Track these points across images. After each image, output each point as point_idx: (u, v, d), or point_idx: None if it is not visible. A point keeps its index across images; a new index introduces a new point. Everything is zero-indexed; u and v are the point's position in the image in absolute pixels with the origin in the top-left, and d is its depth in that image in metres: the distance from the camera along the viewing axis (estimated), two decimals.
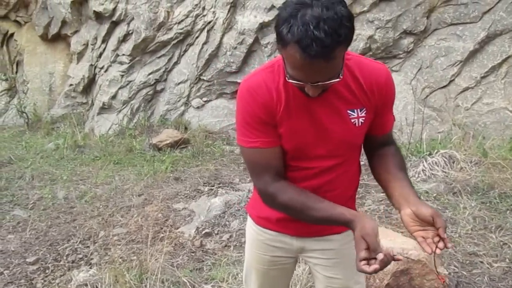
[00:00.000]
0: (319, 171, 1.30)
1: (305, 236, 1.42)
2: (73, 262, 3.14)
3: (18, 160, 5.63)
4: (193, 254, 3.08)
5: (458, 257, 2.72)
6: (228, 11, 6.26)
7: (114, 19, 6.90)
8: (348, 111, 1.25)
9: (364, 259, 1.09)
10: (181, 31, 6.52)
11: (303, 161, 1.31)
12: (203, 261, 2.97)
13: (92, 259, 3.15)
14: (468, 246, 2.85)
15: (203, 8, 6.45)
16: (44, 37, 7.87)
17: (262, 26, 6.09)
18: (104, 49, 7.15)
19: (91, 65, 7.31)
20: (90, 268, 2.98)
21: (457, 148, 4.17)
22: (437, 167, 3.91)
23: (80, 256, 3.22)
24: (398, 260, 1.15)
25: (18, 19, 8.08)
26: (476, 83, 5.09)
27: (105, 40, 7.12)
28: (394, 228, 3.07)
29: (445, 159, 3.96)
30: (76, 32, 7.53)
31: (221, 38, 6.34)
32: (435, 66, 5.41)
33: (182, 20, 6.51)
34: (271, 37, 6.07)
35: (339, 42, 1.03)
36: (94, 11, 6.99)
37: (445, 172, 3.84)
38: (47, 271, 3.05)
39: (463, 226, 3.10)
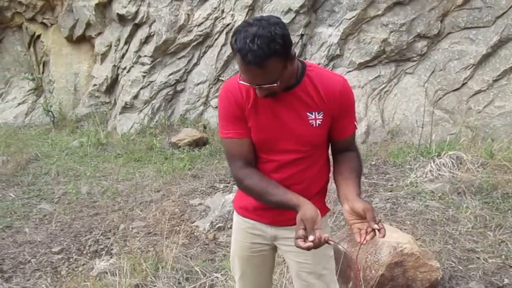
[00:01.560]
0: (283, 163, 1.51)
1: (278, 225, 1.60)
2: (95, 252, 3.35)
3: (45, 157, 5.91)
4: (206, 246, 3.27)
5: (456, 253, 2.83)
6: (246, 14, 6.42)
7: (136, 21, 7.13)
8: (307, 113, 1.46)
9: (300, 237, 1.30)
10: (200, 33, 6.71)
11: (270, 154, 1.52)
12: (215, 252, 3.15)
13: (112, 249, 3.35)
14: (467, 243, 2.95)
15: (222, 11, 6.62)
16: (70, 39, 8.14)
17: None
18: (127, 50, 7.38)
19: (114, 65, 7.55)
20: (111, 257, 3.19)
21: (465, 149, 4.24)
22: (444, 167, 3.99)
23: (102, 246, 3.43)
24: (329, 244, 1.35)
25: (44, 21, 8.34)
26: (488, 86, 5.12)
27: (127, 41, 7.35)
28: (398, 225, 3.19)
29: (453, 160, 4.04)
30: (100, 34, 7.78)
31: None
32: (448, 69, 5.46)
33: (201, 23, 6.70)
34: None
35: (270, 55, 1.26)
36: (118, 13, 7.23)
37: (452, 173, 3.93)
38: (71, 260, 3.27)
39: (464, 224, 3.20)
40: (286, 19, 6.12)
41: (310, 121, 1.46)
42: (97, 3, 7.47)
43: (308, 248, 1.30)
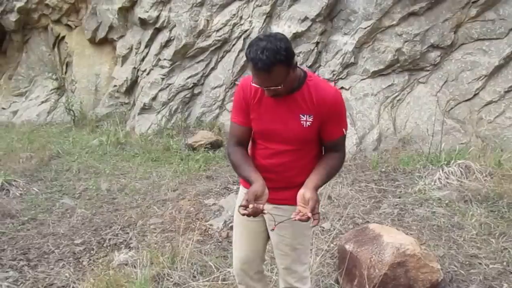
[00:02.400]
0: (276, 152, 1.86)
1: (270, 203, 1.86)
2: (114, 245, 3.53)
3: (66, 154, 6.15)
4: (219, 243, 3.43)
5: (459, 258, 2.94)
6: (264, 20, 6.60)
7: (157, 25, 7.36)
8: (300, 115, 1.79)
9: (242, 205, 1.67)
10: (219, 38, 6.90)
11: (266, 142, 1.89)
12: (227, 250, 3.30)
13: (131, 243, 3.54)
14: (470, 249, 3.06)
15: (241, 18, 6.80)
16: (92, 41, 8.40)
17: (296, 36, 6.38)
18: (147, 53, 7.61)
19: (134, 68, 7.79)
20: (129, 250, 3.37)
21: (474, 159, 4.33)
22: (452, 176, 4.09)
23: (121, 240, 3.61)
24: (264, 214, 1.70)
25: (69, 23, 8.63)
26: (500, 97, 5.20)
27: (148, 45, 7.58)
28: (405, 230, 3.31)
29: (461, 169, 4.14)
30: (121, 36, 8.02)
31: None
32: (461, 80, 5.55)
33: (220, 28, 6.89)
34: (304, 47, 6.37)
35: (275, 63, 1.61)
36: (139, 17, 7.47)
37: (460, 181, 4.03)
38: (92, 251, 3.45)
39: (468, 231, 3.30)
40: (302, 27, 6.29)
41: (301, 122, 1.79)
42: (120, 7, 7.72)
43: (248, 215, 1.67)
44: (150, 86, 7.36)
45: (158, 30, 7.44)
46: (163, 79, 7.27)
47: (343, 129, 1.85)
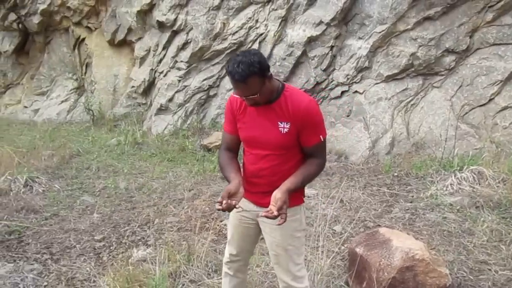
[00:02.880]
0: (260, 157, 2.04)
1: (259, 206, 2.08)
2: (132, 242, 3.67)
3: (85, 153, 6.34)
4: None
5: (468, 264, 2.99)
6: (279, 24, 6.69)
7: (174, 28, 7.52)
8: (278, 122, 1.97)
9: (218, 202, 1.87)
10: (235, 41, 7.02)
11: (251, 148, 2.08)
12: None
13: (148, 240, 3.67)
14: (480, 255, 3.10)
15: (256, 21, 6.91)
16: (111, 42, 8.62)
17: (310, 40, 6.46)
18: (164, 55, 7.77)
19: (152, 69, 7.97)
20: (147, 247, 3.51)
21: (487, 165, 4.35)
22: (465, 182, 4.12)
23: (139, 238, 3.75)
24: (236, 208, 1.88)
25: (89, 25, 8.87)
26: None
27: (165, 47, 7.74)
28: (415, 235, 3.36)
29: (474, 175, 4.16)
30: (140, 39, 8.22)
31: (272, 50, 6.78)
32: (476, 85, 5.55)
33: (236, 32, 7.01)
34: (318, 51, 6.44)
35: (249, 75, 1.81)
36: (157, 20, 7.64)
37: (472, 187, 4.05)
38: (111, 247, 3.60)
39: (479, 237, 3.34)
40: (317, 31, 6.36)
41: (280, 128, 1.97)
42: (139, 10, 7.91)
43: (222, 210, 1.86)
44: (166, 87, 7.51)
45: (175, 33, 7.59)
46: (179, 80, 7.42)
47: (320, 136, 1.99)
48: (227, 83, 7.17)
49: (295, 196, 2.03)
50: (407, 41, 5.94)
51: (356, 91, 6.25)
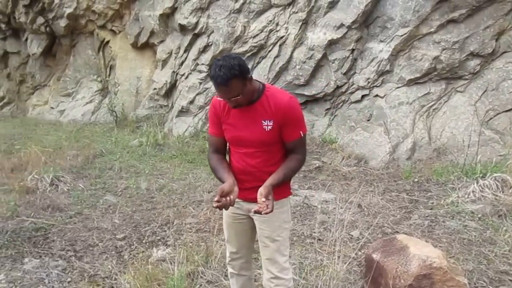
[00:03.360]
0: (246, 154, 2.15)
1: (249, 201, 2.18)
2: (152, 241, 3.75)
3: (108, 153, 6.49)
4: None
5: (488, 274, 2.93)
6: (300, 27, 6.70)
7: (196, 31, 7.63)
8: (262, 121, 2.08)
9: (214, 201, 1.97)
10: (255, 44, 7.07)
11: (237, 147, 2.18)
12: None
13: (168, 241, 3.74)
14: (501, 265, 3.04)
15: (277, 24, 6.93)
16: (134, 45, 8.81)
17: (331, 43, 6.45)
18: (186, 58, 7.89)
19: (173, 72, 8.10)
20: (167, 247, 3.58)
21: None
22: (487, 189, 4.04)
23: (158, 238, 3.83)
24: (232, 206, 2.00)
25: (113, 28, 9.10)
26: None
27: (187, 50, 7.86)
28: (434, 242, 3.33)
29: (497, 182, 4.08)
30: (162, 41, 8.37)
31: (292, 53, 6.79)
32: (502, 89, 5.43)
33: (257, 35, 7.05)
34: (339, 54, 6.42)
35: (230, 77, 1.90)
36: (179, 23, 7.77)
37: (495, 195, 3.97)
38: (132, 246, 3.69)
39: (500, 247, 3.27)
40: (337, 34, 6.34)
41: (264, 126, 2.08)
42: (161, 14, 8.05)
43: (217, 207, 1.96)
44: (188, 89, 7.62)
45: (196, 36, 7.70)
46: (200, 83, 7.51)
47: (300, 132, 2.11)
48: None
49: (282, 189, 2.18)
50: (430, 44, 5.86)
51: (376, 95, 6.20)
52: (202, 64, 7.54)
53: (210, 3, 7.41)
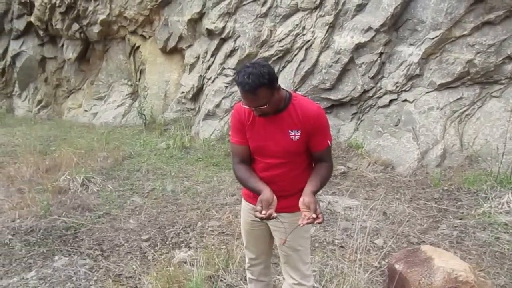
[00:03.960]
0: (270, 165, 2.11)
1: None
2: (175, 243, 3.81)
3: (137, 155, 6.64)
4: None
5: None
6: (327, 31, 6.64)
7: (223, 36, 7.70)
8: (289, 130, 2.04)
9: (257, 211, 1.90)
10: (281, 48, 7.05)
11: (261, 157, 2.13)
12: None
13: (190, 243, 3.79)
14: None
15: (303, 28, 6.90)
16: (163, 50, 8.97)
17: (358, 47, 6.35)
18: (213, 62, 7.98)
19: (201, 76, 8.20)
20: (189, 250, 3.62)
21: None
22: None
23: (181, 239, 3.88)
24: (274, 218, 1.91)
25: (144, 33, 9.30)
26: None
27: (214, 54, 7.95)
28: (463, 254, 3.20)
29: None
30: (190, 46, 8.49)
31: (318, 57, 6.74)
32: None
33: (283, 39, 7.04)
34: (366, 58, 6.32)
35: (259, 86, 1.86)
36: (207, 28, 7.87)
37: None
38: (156, 247, 3.75)
39: None
40: (365, 37, 6.25)
41: (291, 136, 2.04)
42: (189, 19, 8.18)
43: (261, 219, 1.91)
44: (214, 93, 7.69)
45: (223, 40, 7.77)
46: (226, 87, 7.57)
47: (328, 141, 2.09)
48: None
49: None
50: (463, 48, 5.67)
51: (405, 100, 6.05)
52: (228, 68, 7.60)
53: (237, 8, 7.46)
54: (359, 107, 6.51)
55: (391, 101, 6.18)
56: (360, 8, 6.37)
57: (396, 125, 6.03)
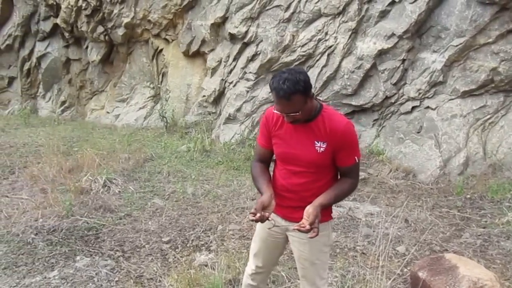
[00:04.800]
0: (293, 172, 2.11)
1: (289, 220, 2.15)
2: (196, 246, 3.85)
3: (158, 158, 6.71)
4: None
5: None
6: (349, 37, 6.63)
7: (245, 40, 7.75)
8: (315, 141, 2.03)
9: (251, 212, 1.96)
10: (303, 53, 7.06)
11: (285, 164, 2.14)
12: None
13: (211, 246, 3.82)
14: None
15: (326, 33, 6.90)
16: (186, 53, 9.04)
17: (381, 53, 6.32)
18: (234, 66, 8.03)
19: (222, 79, 8.25)
20: (209, 253, 3.66)
21: None
22: None
23: (202, 242, 3.92)
24: (268, 220, 1.98)
25: (167, 37, 9.40)
26: None
27: (236, 58, 8.00)
28: (487, 263, 3.15)
29: None
30: (212, 50, 8.56)
31: (340, 62, 6.72)
32: None
33: (305, 44, 7.05)
34: (389, 64, 6.28)
35: (294, 92, 1.87)
36: (229, 32, 7.93)
37: None
38: (176, 250, 3.79)
39: None
40: (388, 44, 6.21)
41: (316, 147, 2.04)
42: (212, 23, 8.26)
43: (253, 220, 1.95)
44: (235, 97, 7.74)
45: (246, 45, 7.81)
46: (247, 91, 7.61)
47: (355, 157, 2.05)
48: None
49: (325, 213, 2.10)
50: (488, 55, 5.59)
51: (428, 107, 5.99)
52: (250, 72, 7.64)
53: (260, 12, 7.51)
54: (380, 113, 6.47)
55: (413, 107, 6.12)
56: (383, 14, 6.34)
57: (418, 132, 5.96)
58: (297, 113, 1.94)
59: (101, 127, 9.63)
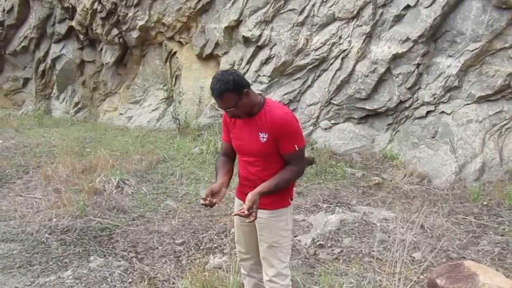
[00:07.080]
0: (248, 163, 2.34)
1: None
2: (209, 248, 3.84)
3: (171, 159, 6.72)
4: (306, 260, 3.54)
5: None
6: (363, 41, 6.60)
7: (259, 43, 7.76)
8: (259, 133, 2.25)
9: (202, 198, 2.23)
10: (317, 57, 7.05)
11: (240, 155, 2.40)
12: (314, 267, 3.40)
13: (224, 249, 3.81)
14: None
15: (340, 37, 6.88)
16: (199, 56, 9.09)
17: (395, 57, 6.28)
18: (248, 69, 8.03)
19: None
20: (223, 255, 3.65)
21: None
22: None
23: (215, 245, 3.91)
24: (216, 205, 2.27)
25: (181, 40, 9.45)
26: None
27: (249, 61, 8.01)
28: (506, 272, 3.09)
29: None
30: (226, 53, 8.59)
31: (354, 66, 6.69)
32: None
33: (319, 47, 7.04)
34: (403, 68, 6.24)
35: (224, 91, 2.12)
36: (243, 36, 7.95)
37: None
38: (190, 252, 3.80)
39: None
40: (403, 48, 6.17)
41: (260, 138, 2.25)
42: (226, 26, 8.29)
43: (204, 205, 2.21)
44: None
45: (259, 48, 7.82)
46: (261, 94, 7.58)
47: (295, 145, 2.22)
48: (308, 98, 7.21)
49: (281, 199, 2.33)
50: (504, 60, 5.52)
51: (443, 112, 5.92)
52: (264, 75, 7.64)
53: (274, 16, 7.52)
54: (394, 118, 6.42)
55: (428, 112, 6.06)
56: (398, 18, 6.30)
57: (433, 137, 5.90)
58: (232, 109, 2.17)
59: (113, 128, 9.69)
